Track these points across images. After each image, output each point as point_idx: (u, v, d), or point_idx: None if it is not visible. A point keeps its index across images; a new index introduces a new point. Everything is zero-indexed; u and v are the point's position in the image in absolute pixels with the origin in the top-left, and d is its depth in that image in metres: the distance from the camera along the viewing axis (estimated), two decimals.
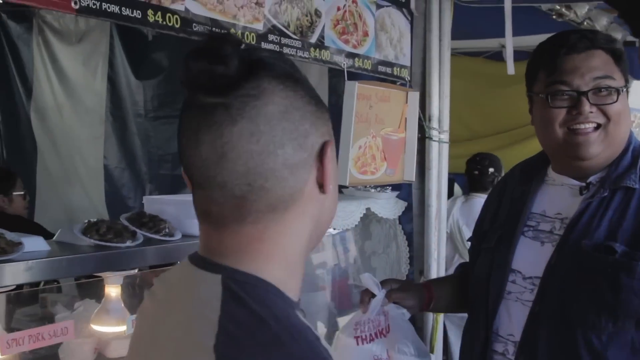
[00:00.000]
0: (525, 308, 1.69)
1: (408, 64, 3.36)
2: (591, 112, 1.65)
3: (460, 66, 5.84)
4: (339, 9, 2.89)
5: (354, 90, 2.89)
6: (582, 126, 1.67)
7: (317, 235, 1.07)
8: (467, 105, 6.68)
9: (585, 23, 5.38)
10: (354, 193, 3.56)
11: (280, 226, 1.00)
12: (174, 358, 0.99)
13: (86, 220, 2.11)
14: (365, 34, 3.06)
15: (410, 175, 3.34)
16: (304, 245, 1.04)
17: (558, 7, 4.96)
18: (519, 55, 6.80)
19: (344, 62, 2.92)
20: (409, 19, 3.36)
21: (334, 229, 3.28)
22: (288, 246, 1.02)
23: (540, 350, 1.63)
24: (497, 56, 6.88)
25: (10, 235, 1.86)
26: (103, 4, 1.99)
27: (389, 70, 3.23)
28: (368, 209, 3.49)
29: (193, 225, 2.24)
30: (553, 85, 1.70)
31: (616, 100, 1.66)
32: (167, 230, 2.20)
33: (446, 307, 1.99)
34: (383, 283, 1.92)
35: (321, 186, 1.02)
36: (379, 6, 3.14)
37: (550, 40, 1.79)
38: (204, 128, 0.95)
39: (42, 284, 2.27)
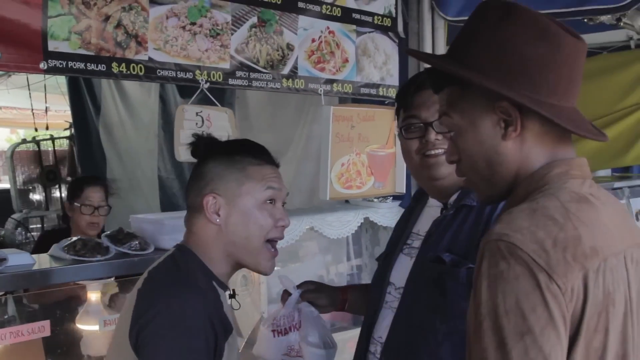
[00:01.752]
0: (393, 314, 1.97)
1: (396, 83, 3.62)
2: (437, 140, 1.88)
3: None
4: (313, 40, 3.22)
5: (329, 113, 3.21)
6: (432, 152, 1.90)
7: (229, 239, 1.73)
8: None
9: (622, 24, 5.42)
10: (359, 203, 3.88)
11: (198, 226, 1.76)
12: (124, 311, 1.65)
13: (68, 240, 2.55)
14: (345, 61, 3.37)
15: (401, 187, 3.62)
16: (211, 242, 1.74)
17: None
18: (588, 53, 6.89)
19: (320, 88, 3.24)
20: (396, 41, 3.63)
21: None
22: (202, 238, 1.74)
23: (396, 349, 1.89)
24: None
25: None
26: (69, 62, 2.42)
27: (373, 91, 3.52)
28: (366, 218, 3.79)
29: (165, 241, 2.66)
30: (406, 119, 1.95)
31: None
32: (138, 245, 2.61)
33: (360, 310, 2.27)
34: (301, 285, 2.21)
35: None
36: (359, 33, 3.44)
37: (406, 82, 2.06)
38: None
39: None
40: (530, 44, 1.27)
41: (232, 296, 1.88)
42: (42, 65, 2.37)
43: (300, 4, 3.15)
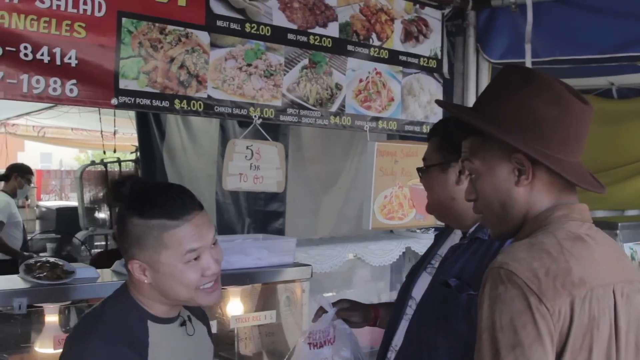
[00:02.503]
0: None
1: None
2: None
3: None
4: (361, 80, 3.46)
5: (373, 149, 3.44)
6: None
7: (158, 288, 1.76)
8: None
9: None
10: (402, 234, 4.09)
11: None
12: None
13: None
14: (391, 99, 3.60)
15: None
16: (143, 286, 1.78)
17: None
18: (630, 92, 6.94)
19: (366, 125, 3.48)
20: (441, 81, 3.84)
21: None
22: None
23: (405, 358, 2.10)
24: (607, 93, 7.01)
25: (67, 266, 2.62)
26: (137, 99, 2.72)
27: (417, 128, 3.73)
28: (408, 248, 3.99)
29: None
30: None
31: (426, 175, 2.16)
32: None
33: None
34: (336, 303, 2.43)
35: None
36: (405, 74, 3.66)
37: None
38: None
39: None
40: (544, 106, 1.48)
41: (183, 324, 1.87)
42: (114, 102, 2.67)
43: (350, 47, 3.40)
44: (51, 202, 11.07)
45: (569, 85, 1.54)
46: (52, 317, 2.58)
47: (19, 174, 6.78)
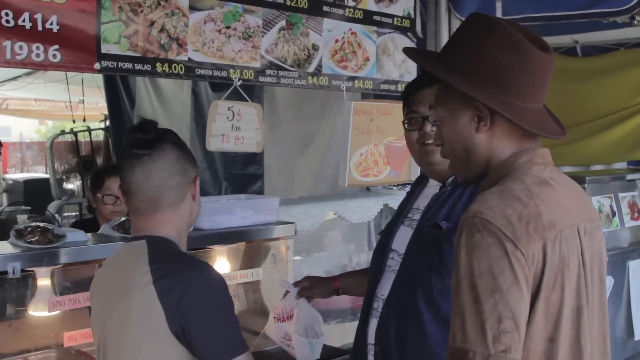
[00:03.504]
0: (394, 275, 2.26)
1: None
2: (432, 131, 2.17)
3: None
4: (337, 41, 3.51)
5: (350, 108, 3.50)
6: (428, 141, 2.22)
7: (194, 217, 1.99)
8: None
9: (635, 22, 5.61)
10: (379, 191, 4.17)
11: (175, 214, 1.90)
12: (126, 287, 1.79)
13: (118, 220, 2.87)
14: (366, 59, 3.66)
15: (416, 175, 3.89)
16: (186, 223, 1.95)
17: None
18: (594, 50, 7.06)
19: (343, 85, 3.53)
20: (414, 40, 3.90)
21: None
22: (178, 223, 1.92)
23: (395, 303, 2.19)
24: (571, 51, 7.13)
25: (57, 230, 2.65)
26: (119, 63, 2.74)
27: (392, 87, 3.80)
28: (386, 205, 4.08)
29: (203, 222, 2.96)
30: (408, 114, 2.30)
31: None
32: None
33: (356, 291, 2.60)
34: (298, 282, 2.65)
35: (193, 197, 1.94)
36: (380, 34, 3.72)
37: (408, 83, 2.38)
38: (138, 165, 1.86)
39: None
40: (502, 54, 1.52)
41: None
42: (97, 66, 2.69)
43: (325, 8, 3.44)
44: (17, 175, 10.94)
45: (531, 32, 1.58)
46: (44, 281, 2.61)
47: None
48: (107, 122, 7.18)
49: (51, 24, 2.59)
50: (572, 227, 1.51)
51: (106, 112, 6.97)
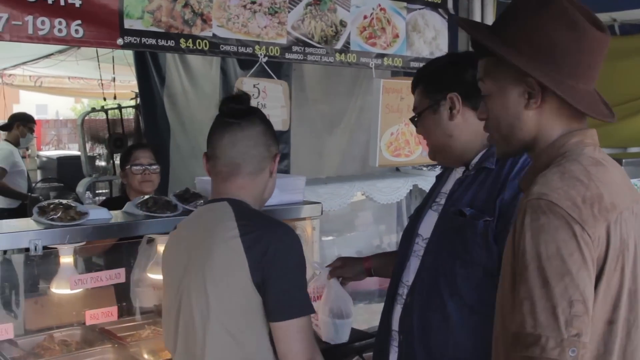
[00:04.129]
0: (419, 261, 2.20)
1: None
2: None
3: None
4: (365, 17, 3.43)
5: (379, 86, 3.42)
6: None
7: (268, 194, 2.09)
8: None
9: None
10: (409, 172, 4.10)
11: (252, 182, 2.00)
12: (210, 241, 1.89)
13: (141, 198, 2.85)
14: (396, 36, 3.57)
15: None
16: (261, 196, 2.06)
17: None
18: (632, 28, 6.87)
19: (371, 62, 3.45)
20: (446, 17, 3.80)
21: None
22: (255, 192, 2.02)
23: (420, 289, 2.12)
24: (609, 30, 6.93)
25: (80, 207, 2.63)
26: (142, 39, 2.70)
27: (422, 65, 3.70)
28: (415, 185, 4.01)
29: None
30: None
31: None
32: (203, 203, 2.88)
33: (387, 273, 2.52)
34: (332, 263, 2.61)
35: (270, 173, 2.04)
36: (410, 10, 3.63)
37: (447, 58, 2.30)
38: (227, 131, 1.97)
39: None
40: (559, 32, 1.47)
41: None
42: (119, 42, 2.66)
43: None
44: (52, 152, 11.04)
45: (588, 10, 1.53)
46: (67, 259, 2.60)
47: (21, 122, 6.76)
48: (138, 100, 7.16)
49: None
50: (628, 208, 1.49)
51: (137, 90, 6.95)
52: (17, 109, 16.30)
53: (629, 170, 5.15)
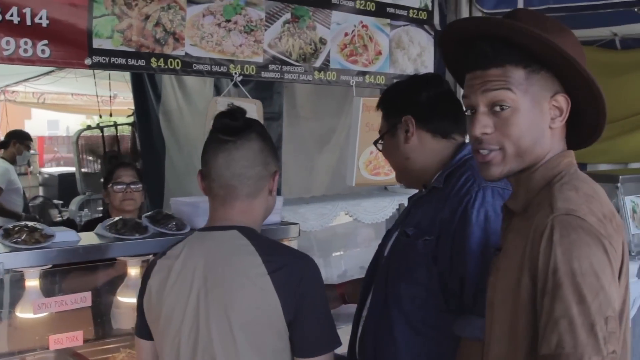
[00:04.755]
0: None
1: None
2: None
3: None
4: (346, 34, 3.38)
5: (359, 104, 3.37)
6: None
7: (268, 212, 1.97)
8: None
9: None
10: (396, 190, 4.03)
11: (251, 205, 1.88)
12: (237, 281, 1.76)
13: (112, 219, 2.80)
14: (378, 53, 3.52)
15: None
16: (262, 215, 1.94)
17: None
18: (633, 42, 6.79)
19: (352, 80, 3.40)
20: (432, 33, 3.75)
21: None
22: (256, 216, 1.91)
23: (373, 312, 2.13)
24: (610, 44, 6.86)
25: (47, 230, 2.59)
26: (112, 58, 2.66)
27: None
28: (402, 204, 3.94)
29: (200, 222, 2.88)
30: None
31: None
32: (175, 226, 2.83)
33: None
34: None
35: (270, 191, 1.92)
36: (393, 27, 3.57)
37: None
38: (221, 150, 1.85)
39: None
40: (580, 56, 1.47)
41: None
42: (87, 62, 2.62)
43: (334, 0, 3.31)
44: (53, 169, 11.07)
45: None
46: (31, 282, 2.54)
47: (18, 140, 6.77)
48: (134, 117, 7.16)
49: (40, 18, 2.52)
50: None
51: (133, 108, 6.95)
52: (28, 124, 16.42)
53: (625, 187, 5.06)
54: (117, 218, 2.81)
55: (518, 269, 1.42)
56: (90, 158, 7.75)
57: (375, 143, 2.24)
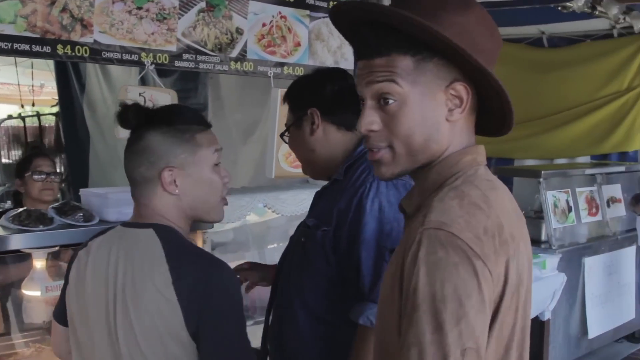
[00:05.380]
0: None
1: (351, 67, 3.74)
2: None
3: (502, 52, 6.17)
4: (264, 24, 3.35)
5: (277, 95, 3.35)
6: None
7: (195, 211, 1.81)
8: (509, 90, 6.87)
9: (597, 12, 5.49)
10: (317, 183, 4.01)
11: (161, 204, 1.76)
12: (143, 288, 1.65)
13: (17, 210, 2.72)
14: (297, 45, 3.50)
15: None
16: (178, 214, 1.78)
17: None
18: (560, 41, 6.93)
19: (270, 71, 3.38)
20: None
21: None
22: (172, 214, 1.77)
23: (278, 302, 2.18)
24: (537, 42, 7.01)
25: None
26: (14, 44, 2.57)
27: None
28: None
29: (110, 214, 2.82)
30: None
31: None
32: (82, 217, 2.77)
33: None
34: (239, 264, 2.50)
35: (163, 187, 1.75)
36: (313, 18, 3.56)
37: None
38: (126, 147, 1.78)
39: None
40: (483, 37, 1.29)
41: None
42: None
43: None
44: None
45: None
46: None
47: None
48: (58, 107, 7.00)
49: None
50: (523, 237, 1.32)
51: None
52: None
53: (547, 182, 5.18)
54: (21, 209, 2.73)
55: (392, 277, 1.27)
56: (13, 149, 7.53)
57: (282, 135, 2.24)
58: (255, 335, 3.08)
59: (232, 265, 2.44)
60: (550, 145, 6.91)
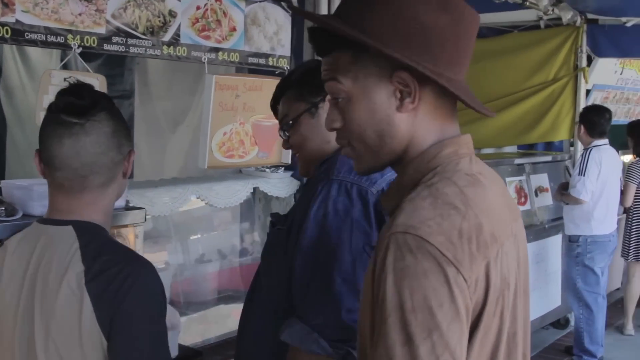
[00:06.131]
0: None
1: (287, 54, 3.63)
2: None
3: None
4: (198, 8, 3.20)
5: (211, 82, 3.21)
6: None
7: (119, 197, 1.74)
8: None
9: (528, 3, 5.55)
10: (251, 173, 3.89)
11: (103, 195, 1.65)
12: (52, 284, 1.55)
13: None
14: (233, 29, 3.36)
15: (287, 157, 3.65)
16: (113, 201, 1.71)
17: None
18: (488, 31, 6.97)
19: (204, 57, 3.23)
20: (289, 11, 3.63)
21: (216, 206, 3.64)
22: (106, 205, 1.68)
23: (251, 290, 2.10)
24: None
25: None
26: None
27: (262, 61, 3.52)
28: (257, 188, 3.81)
29: (34, 207, 2.63)
30: None
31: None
32: (4, 211, 2.56)
33: None
34: None
35: (125, 174, 1.69)
36: (249, 2, 3.42)
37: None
38: (67, 136, 1.56)
39: None
40: (432, 14, 1.20)
41: None
42: None
43: None
44: None
45: None
46: None
47: None
48: None
49: None
50: (509, 237, 1.23)
51: None
52: None
53: None
54: None
55: (366, 284, 1.20)
56: None
57: (282, 129, 2.01)
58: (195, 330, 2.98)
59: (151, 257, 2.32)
60: (478, 135, 6.95)
